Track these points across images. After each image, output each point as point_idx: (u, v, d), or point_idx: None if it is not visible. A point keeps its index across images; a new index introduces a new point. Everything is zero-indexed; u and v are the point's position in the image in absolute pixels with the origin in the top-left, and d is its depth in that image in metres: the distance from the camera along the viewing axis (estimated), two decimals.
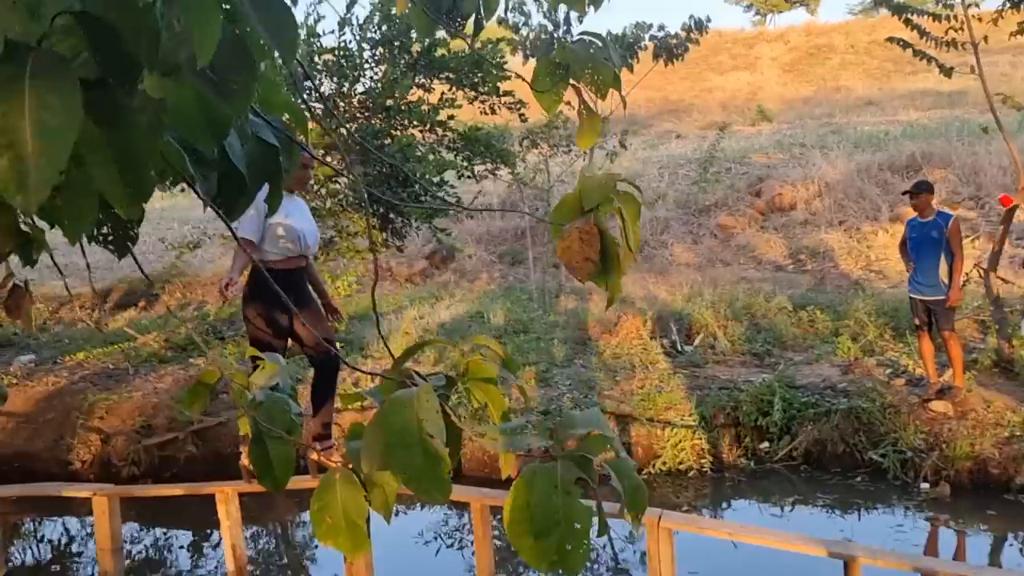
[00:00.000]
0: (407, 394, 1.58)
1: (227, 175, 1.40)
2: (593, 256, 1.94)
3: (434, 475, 1.56)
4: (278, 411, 1.61)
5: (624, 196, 1.88)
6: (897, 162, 14.18)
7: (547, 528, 1.41)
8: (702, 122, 28.93)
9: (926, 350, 6.42)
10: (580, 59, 1.88)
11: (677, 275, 12.41)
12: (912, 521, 5.39)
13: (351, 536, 1.59)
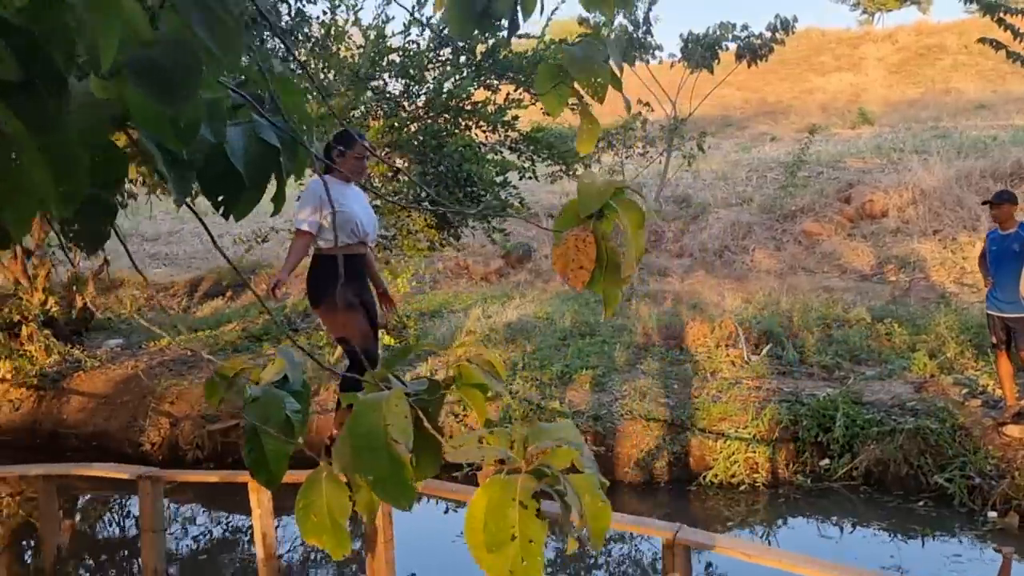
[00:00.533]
0: (376, 398, 1.60)
1: (225, 175, 1.45)
2: (587, 264, 1.92)
3: (399, 480, 1.57)
4: (273, 408, 1.64)
5: (625, 204, 1.85)
6: (1001, 169, 13.36)
7: (501, 541, 1.41)
8: (799, 125, 28.04)
9: (1004, 370, 6.04)
10: (577, 61, 1.86)
11: (756, 282, 12.07)
12: (972, 551, 5.08)
13: (335, 535, 1.62)
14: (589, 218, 1.83)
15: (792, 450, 6.48)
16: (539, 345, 8.81)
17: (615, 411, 6.81)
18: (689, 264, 13.66)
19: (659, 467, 6.43)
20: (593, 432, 6.61)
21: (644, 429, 6.62)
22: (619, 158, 11.20)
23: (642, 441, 6.54)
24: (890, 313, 8.91)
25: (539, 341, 9.00)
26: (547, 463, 1.55)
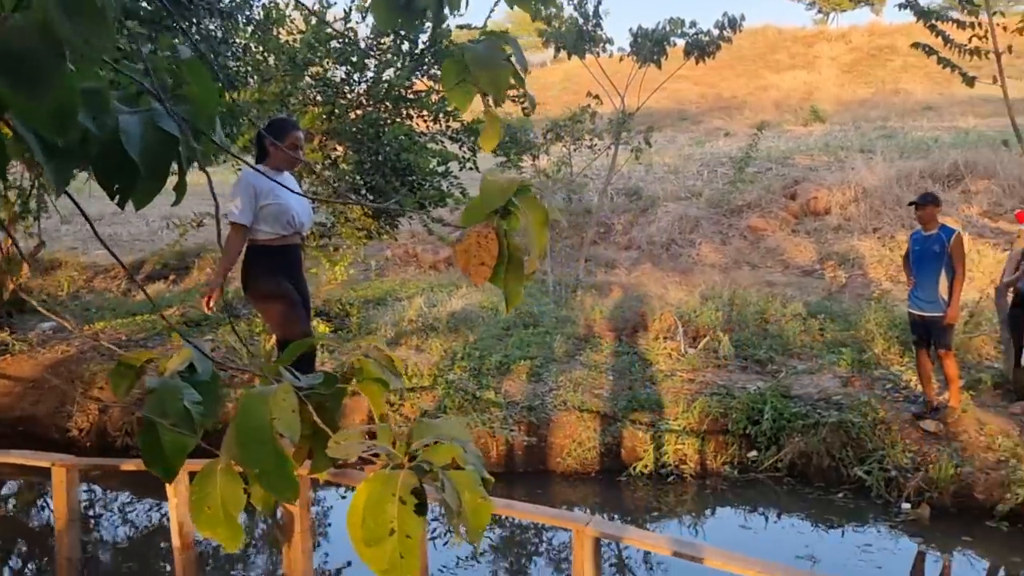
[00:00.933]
0: (264, 392, 1.59)
1: (121, 164, 1.43)
2: (488, 260, 1.94)
3: (283, 474, 1.58)
4: (171, 399, 1.62)
5: (529, 202, 1.86)
6: (939, 170, 13.72)
7: (380, 536, 1.42)
8: (753, 120, 28.42)
9: (923, 367, 6.23)
10: (478, 59, 1.87)
11: (700, 275, 12.24)
12: (883, 541, 5.24)
13: (228, 528, 1.61)
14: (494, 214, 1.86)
15: (721, 442, 6.60)
16: (481, 335, 8.83)
17: (549, 402, 6.87)
18: (637, 256, 13.79)
19: (591, 457, 6.51)
20: (527, 422, 6.66)
21: (577, 420, 6.69)
22: (567, 150, 11.21)
23: (575, 431, 6.61)
24: (824, 309, 9.11)
25: (482, 331, 9.02)
26: (428, 459, 1.57)
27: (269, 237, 3.94)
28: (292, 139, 3.93)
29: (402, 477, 1.49)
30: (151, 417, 1.60)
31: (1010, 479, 5.39)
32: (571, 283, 11.25)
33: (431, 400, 7.05)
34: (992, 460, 5.63)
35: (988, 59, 6.71)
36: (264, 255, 3.97)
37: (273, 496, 1.64)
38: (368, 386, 1.93)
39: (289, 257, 4.05)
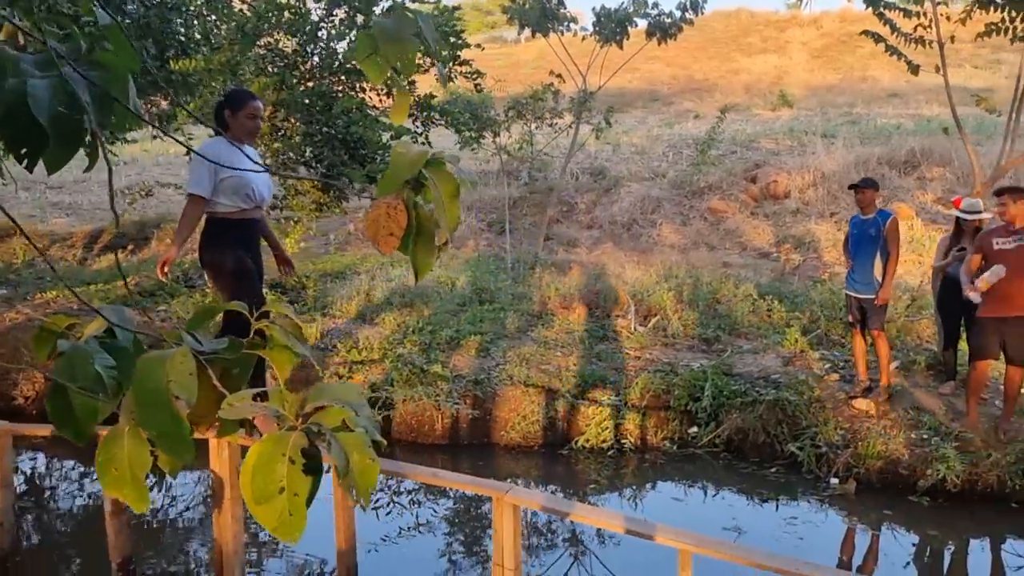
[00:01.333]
0: (161, 355, 1.65)
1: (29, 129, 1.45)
2: (396, 231, 2.00)
3: (178, 436, 1.64)
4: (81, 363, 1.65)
5: (439, 174, 1.93)
6: (896, 157, 13.95)
7: (270, 494, 1.50)
8: (721, 103, 28.53)
9: (858, 347, 6.41)
10: (386, 34, 1.92)
11: (659, 256, 12.38)
12: (808, 515, 5.41)
13: (135, 489, 1.67)
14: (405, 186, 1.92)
15: (663, 417, 6.75)
16: (436, 310, 8.89)
17: (495, 376, 6.96)
18: (598, 236, 13.89)
19: (534, 431, 6.62)
20: (472, 396, 6.76)
21: (523, 394, 6.79)
22: (528, 128, 11.25)
23: (520, 405, 6.71)
24: (775, 290, 9.28)
25: (437, 306, 9.09)
26: (318, 421, 1.65)
27: (228, 210, 3.91)
28: (250, 109, 3.90)
29: (293, 438, 1.57)
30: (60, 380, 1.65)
31: (932, 456, 5.58)
32: (530, 260, 11.33)
33: (380, 373, 7.11)
34: (917, 438, 5.82)
35: (932, 48, 6.84)
36: (223, 228, 3.95)
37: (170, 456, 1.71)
38: (274, 353, 2.00)
39: (248, 231, 4.03)
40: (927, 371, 6.81)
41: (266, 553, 4.81)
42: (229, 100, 3.96)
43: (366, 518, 5.27)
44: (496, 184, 13.23)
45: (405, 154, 1.86)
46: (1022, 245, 5.43)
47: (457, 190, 1.88)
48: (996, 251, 5.50)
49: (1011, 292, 5.40)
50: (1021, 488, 5.42)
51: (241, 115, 3.89)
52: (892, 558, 5.02)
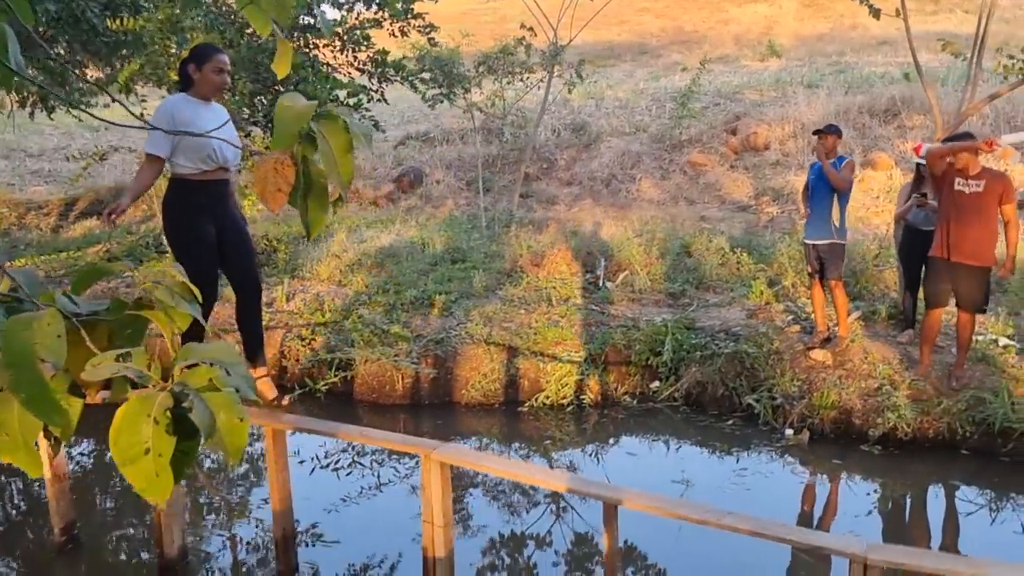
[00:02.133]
0: (30, 317, 1.61)
1: None
2: (284, 187, 1.95)
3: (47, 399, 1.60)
4: None
5: (330, 128, 1.87)
6: (877, 105, 13.79)
7: (136, 455, 1.48)
8: (711, 55, 28.14)
9: (816, 298, 6.39)
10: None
11: (638, 211, 12.31)
12: (759, 466, 5.44)
13: (27, 454, 1.64)
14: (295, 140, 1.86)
15: (624, 372, 6.75)
16: (406, 270, 8.86)
17: (456, 335, 6.95)
18: (578, 192, 13.79)
19: (495, 389, 6.63)
20: (433, 355, 6.75)
21: (484, 353, 6.79)
22: (499, 84, 11.08)
23: (481, 364, 6.71)
24: (745, 243, 9.23)
25: (407, 266, 9.05)
26: (184, 381, 1.62)
27: (189, 171, 3.72)
28: (216, 63, 3.71)
29: (158, 399, 1.54)
30: None
31: (884, 405, 5.59)
32: (505, 219, 11.26)
33: (342, 334, 7.10)
34: (871, 387, 5.82)
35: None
36: (184, 190, 3.76)
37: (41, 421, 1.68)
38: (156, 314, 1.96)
39: (212, 194, 3.79)
40: (888, 320, 6.80)
41: (207, 513, 4.84)
42: (193, 55, 3.78)
43: (304, 479, 5.32)
44: (477, 142, 13.08)
45: (291, 107, 1.80)
46: (977, 192, 5.36)
47: (350, 144, 1.83)
48: (956, 191, 5.41)
49: (959, 237, 5.36)
50: (971, 435, 5.44)
51: (206, 69, 3.70)
52: (839, 507, 5.06)
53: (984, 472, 5.32)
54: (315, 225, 1.91)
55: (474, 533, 4.62)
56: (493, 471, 3.57)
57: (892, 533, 4.86)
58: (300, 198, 1.90)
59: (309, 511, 4.87)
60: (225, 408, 1.59)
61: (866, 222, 10.63)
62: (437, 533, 3.67)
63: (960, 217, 5.35)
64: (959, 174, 5.42)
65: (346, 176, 1.85)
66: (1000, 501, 5.11)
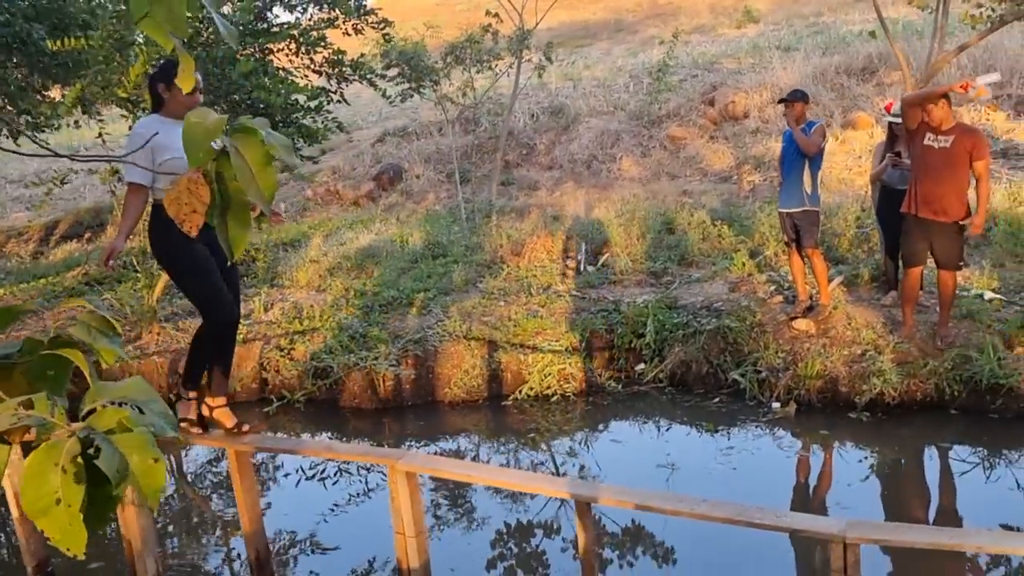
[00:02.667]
0: None
1: None
2: (200, 208, 1.84)
3: None
4: None
5: (245, 142, 1.75)
6: (854, 65, 13.62)
7: (46, 506, 1.39)
8: (688, 26, 27.93)
9: (795, 266, 6.28)
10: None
11: (620, 190, 12.19)
12: (745, 443, 5.35)
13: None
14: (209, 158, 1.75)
15: (607, 357, 6.65)
16: (385, 270, 8.76)
17: (435, 333, 6.85)
18: (559, 176, 13.67)
19: (477, 385, 6.53)
20: (412, 356, 6.65)
21: (465, 349, 6.69)
22: (468, 73, 10.93)
23: (462, 361, 6.61)
24: (726, 215, 9.11)
25: (387, 265, 8.94)
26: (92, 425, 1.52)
27: None
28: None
29: (66, 446, 1.45)
30: None
31: (869, 371, 5.49)
32: (484, 209, 11.14)
33: (321, 341, 7.00)
34: (857, 353, 5.72)
35: None
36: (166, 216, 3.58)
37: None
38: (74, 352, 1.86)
39: None
40: (871, 283, 6.69)
41: (181, 540, 4.76)
42: (162, 73, 3.60)
43: (277, 498, 5.24)
44: (451, 134, 12.93)
45: (200, 123, 1.69)
46: (946, 148, 5.24)
47: (269, 157, 1.72)
48: (924, 146, 5.29)
49: (927, 193, 5.25)
50: (959, 393, 5.34)
51: (176, 88, 3.51)
52: (831, 477, 4.97)
53: (974, 431, 5.23)
54: (237, 245, 1.80)
55: (453, 539, 4.53)
56: (459, 477, 3.48)
57: (885, 500, 4.78)
58: (218, 217, 1.79)
59: (290, 526, 4.79)
60: (138, 449, 1.50)
61: (849, 183, 10.50)
62: (410, 543, 3.58)
63: (928, 173, 5.23)
64: (930, 130, 5.29)
65: (267, 191, 1.74)
66: (993, 459, 5.03)
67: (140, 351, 7.15)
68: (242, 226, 1.81)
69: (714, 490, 4.68)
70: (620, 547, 4.26)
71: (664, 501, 3.29)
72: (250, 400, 6.91)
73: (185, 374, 3.89)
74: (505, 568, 4.23)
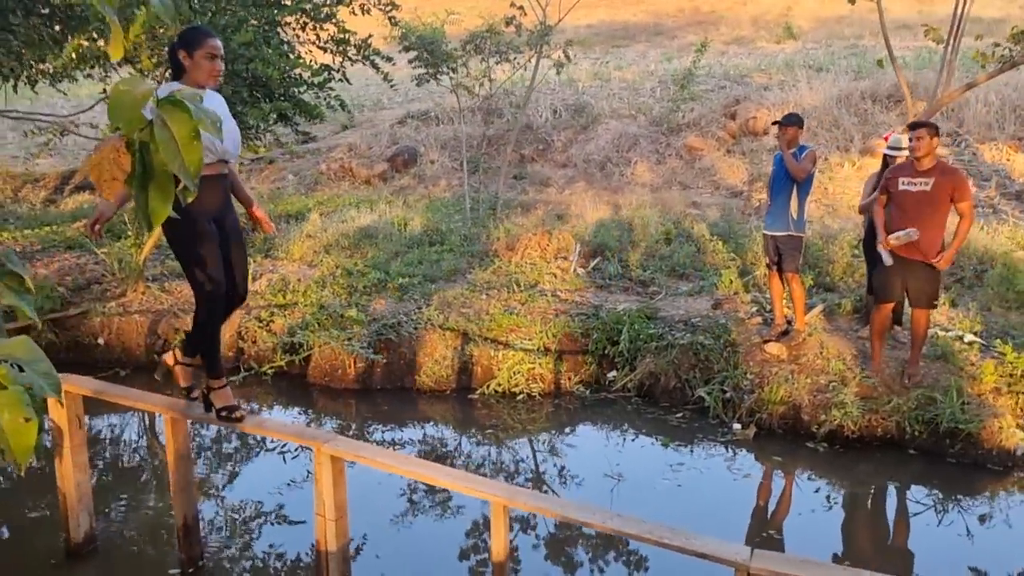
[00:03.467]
0: None
1: None
2: (119, 176, 1.88)
3: None
4: None
5: (172, 114, 1.79)
6: (880, 90, 13.42)
7: None
8: (727, 36, 27.74)
9: (775, 290, 6.23)
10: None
11: (629, 195, 12.13)
12: (696, 461, 5.31)
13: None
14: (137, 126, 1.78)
15: (579, 361, 6.64)
16: (380, 251, 8.79)
17: (412, 320, 6.87)
18: (572, 175, 13.63)
19: (447, 376, 6.55)
20: (386, 340, 6.68)
21: (439, 338, 6.71)
22: (487, 64, 10.90)
23: (434, 350, 6.63)
24: (725, 231, 9.05)
25: (383, 247, 8.98)
26: None
27: None
28: (208, 48, 3.39)
29: None
30: None
31: (832, 401, 5.44)
32: (489, 200, 11.13)
33: (298, 316, 7.05)
34: (822, 383, 5.67)
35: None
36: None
37: None
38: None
39: (211, 189, 3.42)
40: (852, 314, 6.62)
41: (113, 499, 4.82)
42: (183, 40, 3.45)
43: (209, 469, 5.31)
44: (462, 122, 12.91)
45: (128, 92, 1.71)
46: (925, 191, 5.16)
47: (196, 132, 1.74)
48: (900, 191, 5.23)
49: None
50: (920, 434, 5.28)
51: (198, 55, 3.37)
52: (772, 505, 4.93)
53: (930, 473, 5.16)
54: (156, 216, 1.82)
55: (379, 526, 4.53)
56: (382, 466, 3.49)
57: (829, 533, 4.73)
58: (138, 187, 1.82)
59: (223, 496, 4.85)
60: (10, 407, 1.53)
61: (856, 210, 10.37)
62: (329, 526, 3.60)
63: (906, 216, 5.16)
64: (905, 173, 5.24)
65: (191, 165, 1.76)
66: (946, 503, 4.95)
67: (123, 308, 7.24)
68: (163, 198, 1.83)
69: (652, 504, 4.68)
70: (536, 552, 4.27)
71: (576, 512, 3.28)
72: (225, 368, 6.98)
73: (204, 363, 3.74)
74: (432, 558, 4.26)
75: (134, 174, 1.82)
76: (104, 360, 7.03)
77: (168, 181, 1.83)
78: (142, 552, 4.29)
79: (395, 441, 5.80)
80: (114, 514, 4.64)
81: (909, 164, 5.30)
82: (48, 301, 7.13)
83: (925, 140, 5.18)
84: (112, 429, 6.14)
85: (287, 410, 6.45)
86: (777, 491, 5.11)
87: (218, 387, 3.72)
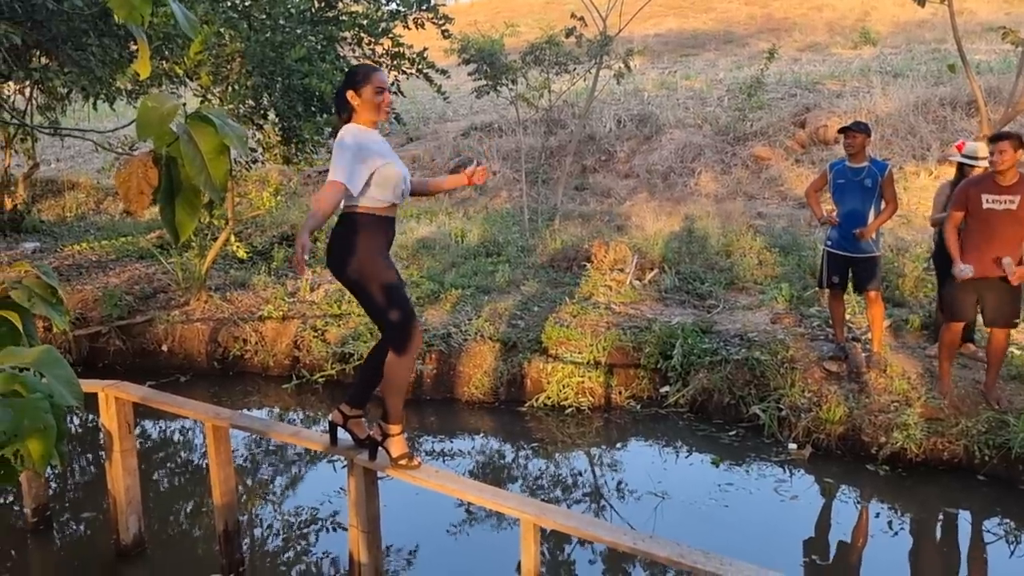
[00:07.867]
0: None
1: None
2: (147, 190, 1.95)
3: None
4: None
5: (199, 130, 1.85)
6: (959, 98, 12.86)
7: None
8: (801, 43, 27.10)
9: (837, 310, 5.92)
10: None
11: (692, 205, 11.91)
12: (747, 481, 5.12)
13: None
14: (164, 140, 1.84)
15: (632, 375, 6.52)
16: (436, 262, 8.84)
17: (463, 331, 6.86)
18: (634, 185, 13.47)
19: (496, 387, 6.52)
20: (437, 351, 6.69)
21: (489, 350, 6.68)
22: (547, 74, 10.89)
23: (483, 362, 6.61)
24: (789, 243, 8.78)
25: (440, 258, 9.03)
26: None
27: (379, 205, 3.26)
28: (374, 83, 3.29)
29: None
30: None
31: (894, 422, 5.18)
32: (547, 212, 11.09)
33: (349, 328, 7.13)
34: (886, 403, 5.41)
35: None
36: (375, 225, 3.27)
37: None
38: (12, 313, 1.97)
39: (393, 230, 3.40)
40: (921, 331, 6.32)
41: (161, 504, 4.92)
42: (349, 80, 3.35)
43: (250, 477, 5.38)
44: (521, 133, 12.92)
45: (156, 108, 1.76)
46: (1011, 210, 4.85)
47: (222, 146, 1.78)
48: (985, 210, 4.92)
49: (992, 253, 4.88)
50: (990, 459, 4.98)
51: (366, 93, 3.28)
52: (828, 530, 4.72)
53: (1001, 500, 4.86)
54: (182, 229, 1.86)
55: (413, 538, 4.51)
56: (412, 479, 3.46)
57: (884, 564, 4.49)
58: (164, 201, 1.85)
59: (262, 505, 4.91)
60: (29, 415, 1.56)
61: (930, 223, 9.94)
62: (362, 538, 3.60)
63: (994, 237, 4.85)
64: (988, 190, 4.92)
65: (218, 179, 1.79)
66: (1018, 533, 4.66)
67: (186, 316, 7.45)
68: (189, 212, 1.86)
69: (695, 525, 4.54)
70: (568, 570, 4.17)
71: (608, 532, 3.20)
72: (281, 376, 7.12)
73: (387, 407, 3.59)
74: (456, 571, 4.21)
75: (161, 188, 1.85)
76: (167, 366, 7.25)
77: (195, 195, 1.85)
78: (188, 555, 4.38)
79: (442, 452, 5.78)
80: (162, 517, 4.75)
81: (990, 178, 4.98)
82: (116, 309, 7.40)
83: (1008, 153, 4.87)
84: (162, 434, 6.32)
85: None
86: (832, 515, 4.89)
87: (396, 433, 3.54)
